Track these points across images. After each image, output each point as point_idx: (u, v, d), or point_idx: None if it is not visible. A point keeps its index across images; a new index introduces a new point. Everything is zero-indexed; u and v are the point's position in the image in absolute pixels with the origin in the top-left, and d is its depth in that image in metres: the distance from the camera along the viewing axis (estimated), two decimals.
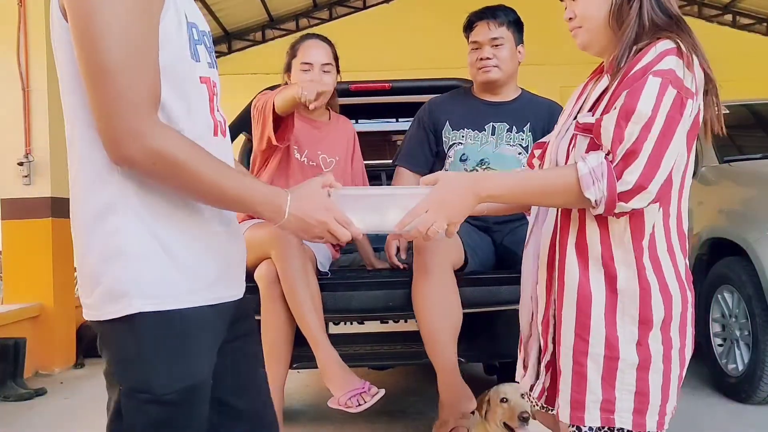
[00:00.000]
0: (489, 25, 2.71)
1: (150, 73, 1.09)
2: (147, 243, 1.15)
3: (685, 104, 1.24)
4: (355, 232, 1.29)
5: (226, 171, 1.16)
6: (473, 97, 2.83)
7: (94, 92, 1.07)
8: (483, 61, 2.71)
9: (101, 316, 1.18)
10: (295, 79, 2.74)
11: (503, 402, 2.39)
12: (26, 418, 3.74)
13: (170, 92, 1.14)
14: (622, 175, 1.22)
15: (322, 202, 1.27)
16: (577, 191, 1.25)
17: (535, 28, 9.32)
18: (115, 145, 1.08)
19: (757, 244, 3.30)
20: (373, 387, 2.42)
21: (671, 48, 1.25)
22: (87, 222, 1.18)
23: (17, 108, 4.75)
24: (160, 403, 1.17)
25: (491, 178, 1.33)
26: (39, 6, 4.77)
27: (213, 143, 1.22)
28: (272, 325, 2.51)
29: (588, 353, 1.31)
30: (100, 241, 1.16)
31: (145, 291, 1.14)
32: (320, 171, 2.79)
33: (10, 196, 4.85)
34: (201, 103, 1.22)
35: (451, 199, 1.31)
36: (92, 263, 1.17)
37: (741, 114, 4.43)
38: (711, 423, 3.16)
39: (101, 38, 1.04)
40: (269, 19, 10.76)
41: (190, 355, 1.19)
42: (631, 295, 1.29)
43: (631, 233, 1.30)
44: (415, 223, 1.31)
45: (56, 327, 4.86)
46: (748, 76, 9.80)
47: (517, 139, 2.73)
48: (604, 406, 1.31)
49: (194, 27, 1.20)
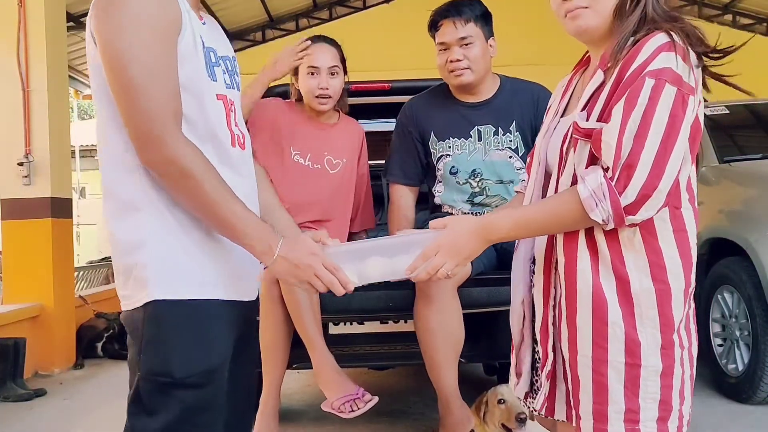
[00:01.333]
0: (455, 24, 2.54)
1: (169, 89, 1.24)
2: (167, 237, 1.28)
3: (687, 101, 1.21)
4: (343, 279, 1.33)
5: (231, 198, 1.26)
6: (452, 99, 2.69)
7: (122, 106, 1.24)
8: (453, 63, 2.55)
9: (134, 304, 1.29)
10: (302, 83, 2.73)
11: (501, 403, 2.39)
12: (26, 418, 3.73)
13: (192, 104, 1.29)
14: (624, 189, 1.20)
15: (311, 249, 1.33)
16: (583, 215, 1.24)
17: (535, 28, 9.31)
18: (140, 150, 1.24)
19: (757, 244, 3.30)
20: (367, 394, 2.42)
21: (665, 43, 1.22)
22: (116, 218, 1.30)
23: (17, 108, 4.74)
24: (181, 386, 1.26)
25: (498, 222, 1.34)
26: (39, 6, 4.75)
27: (232, 153, 1.37)
28: (271, 326, 2.51)
29: (608, 361, 1.26)
30: (128, 235, 1.29)
31: (162, 281, 1.26)
32: (324, 174, 2.78)
33: (10, 196, 4.84)
34: (219, 117, 1.35)
35: (462, 243, 1.34)
36: (123, 256, 1.30)
37: (741, 114, 4.43)
38: (711, 423, 3.16)
39: (125, 60, 1.21)
40: (269, 20, 10.75)
41: (206, 341, 1.30)
42: (648, 297, 1.26)
43: (641, 236, 1.27)
44: (424, 266, 1.34)
45: (56, 327, 4.85)
46: (748, 76, 9.80)
47: (505, 142, 2.63)
48: (629, 417, 1.26)
49: (212, 51, 1.36)
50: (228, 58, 1.42)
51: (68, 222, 5.16)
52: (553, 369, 1.39)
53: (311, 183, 2.75)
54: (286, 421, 3.35)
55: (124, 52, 1.21)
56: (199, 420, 1.29)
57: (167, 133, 1.22)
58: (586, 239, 1.30)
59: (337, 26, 10.98)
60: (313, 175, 2.76)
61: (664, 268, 1.27)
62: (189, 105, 1.28)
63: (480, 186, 2.64)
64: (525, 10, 9.11)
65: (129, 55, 1.21)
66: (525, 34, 9.44)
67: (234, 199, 1.27)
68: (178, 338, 1.27)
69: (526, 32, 9.41)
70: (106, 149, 1.31)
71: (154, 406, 1.26)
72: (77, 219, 12.36)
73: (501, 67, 2.77)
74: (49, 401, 4.08)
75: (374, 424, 3.26)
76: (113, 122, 1.28)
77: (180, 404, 1.26)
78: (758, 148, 4.13)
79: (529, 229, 1.35)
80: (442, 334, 2.38)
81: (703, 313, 3.76)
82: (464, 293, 2.48)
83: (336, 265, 1.33)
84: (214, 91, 1.34)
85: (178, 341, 1.27)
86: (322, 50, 2.75)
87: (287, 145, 2.75)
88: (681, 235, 1.29)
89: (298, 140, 2.76)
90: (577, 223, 1.28)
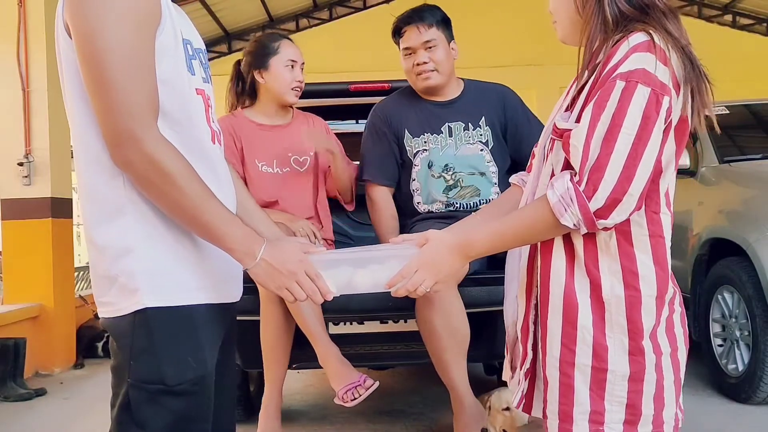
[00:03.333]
0: (419, 29, 2.65)
1: (146, 85, 1.18)
2: (155, 243, 1.23)
3: (661, 102, 1.17)
4: (323, 288, 1.30)
5: (210, 199, 1.21)
6: (421, 99, 2.77)
7: (97, 101, 1.17)
8: (420, 66, 2.65)
9: (118, 312, 1.23)
10: (278, 76, 2.76)
11: (506, 411, 2.39)
12: (26, 418, 3.74)
13: (173, 101, 1.23)
14: (594, 193, 1.18)
15: (296, 254, 1.29)
16: (555, 221, 1.23)
17: (535, 28, 9.34)
18: (115, 148, 1.17)
19: (757, 244, 3.30)
20: (369, 379, 2.44)
21: (642, 42, 1.19)
22: (98, 223, 1.24)
23: (17, 108, 4.75)
24: (172, 394, 1.22)
25: (476, 239, 1.33)
26: (39, 6, 4.77)
27: (212, 150, 1.32)
28: (271, 325, 2.51)
29: (575, 364, 1.27)
30: (112, 241, 1.22)
31: (154, 287, 1.21)
32: (296, 174, 2.81)
33: (10, 196, 4.85)
34: (199, 112, 1.29)
35: (441, 260, 1.33)
36: (106, 263, 1.23)
37: (741, 114, 4.43)
38: (711, 423, 3.16)
39: (102, 53, 1.15)
40: (269, 20, 10.76)
41: (197, 347, 1.26)
42: (618, 304, 1.25)
43: (617, 241, 1.26)
44: (404, 282, 1.34)
45: (56, 327, 4.86)
46: (748, 76, 9.81)
47: (475, 136, 2.71)
48: (593, 418, 1.26)
49: (189, 44, 1.29)
50: (201, 50, 1.36)
51: (68, 222, 5.16)
52: (532, 367, 1.39)
53: (288, 187, 2.79)
54: (287, 421, 3.35)
55: (101, 44, 1.14)
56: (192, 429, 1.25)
57: (145, 130, 1.16)
58: (564, 241, 1.29)
59: (337, 26, 10.99)
60: (286, 179, 2.79)
61: (636, 275, 1.25)
62: (170, 101, 1.22)
63: (453, 179, 2.70)
64: (525, 11, 9.11)
65: (106, 47, 1.14)
66: (525, 34, 9.45)
67: (214, 199, 1.21)
68: (171, 345, 1.22)
69: (526, 33, 9.41)
70: (84, 152, 1.24)
71: (144, 415, 1.21)
72: (77, 219, 12.37)
73: (501, 67, 2.80)
74: (50, 401, 4.09)
75: (374, 423, 3.26)
76: (91, 122, 1.20)
77: (171, 414, 1.22)
78: (758, 149, 4.14)
79: (506, 242, 1.34)
80: (447, 334, 2.38)
81: (703, 313, 3.76)
82: (464, 293, 2.48)
83: (318, 273, 1.30)
84: (194, 85, 1.29)
85: (170, 348, 1.22)
86: (294, 47, 2.84)
87: (251, 159, 2.77)
88: (657, 240, 1.27)
89: (259, 151, 2.78)
90: (551, 230, 1.26)
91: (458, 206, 2.69)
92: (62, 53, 1.23)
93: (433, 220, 2.66)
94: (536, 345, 1.37)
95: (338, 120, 4.04)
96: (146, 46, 1.18)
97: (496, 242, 1.33)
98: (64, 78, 1.25)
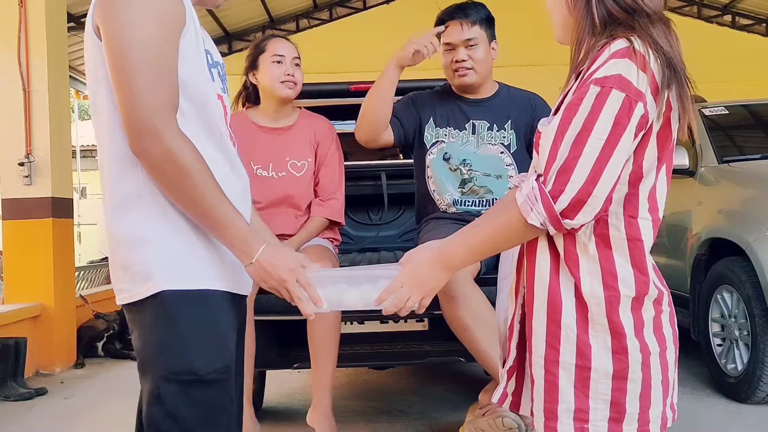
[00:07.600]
0: (462, 25, 2.64)
1: (168, 81, 1.26)
2: (170, 231, 1.29)
3: (633, 108, 1.18)
4: (314, 296, 1.35)
5: (220, 195, 1.28)
6: (453, 94, 2.81)
7: (122, 95, 1.25)
8: (458, 63, 2.66)
9: (132, 298, 1.29)
10: (267, 72, 2.76)
11: None
12: (26, 417, 3.74)
13: (195, 102, 1.32)
14: (560, 194, 1.19)
15: (291, 264, 1.35)
16: (525, 222, 1.24)
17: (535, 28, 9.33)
18: (136, 138, 1.25)
19: (757, 244, 3.31)
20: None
21: (621, 49, 1.20)
22: (118, 214, 1.31)
23: (17, 108, 4.74)
24: (203, 383, 1.27)
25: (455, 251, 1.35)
26: (39, 6, 4.75)
27: (231, 151, 1.41)
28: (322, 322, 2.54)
29: (559, 362, 1.28)
30: (128, 229, 1.30)
31: (169, 272, 1.28)
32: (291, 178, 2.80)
33: (10, 196, 4.85)
34: (220, 113, 1.39)
35: (423, 274, 1.36)
36: (123, 251, 1.31)
37: (741, 114, 4.44)
38: (711, 423, 3.17)
39: (129, 50, 1.24)
40: (269, 20, 10.77)
41: (221, 335, 1.32)
42: (598, 304, 1.26)
43: (596, 243, 1.27)
44: (391, 299, 1.37)
45: (57, 327, 4.86)
46: (748, 76, 9.82)
47: (498, 138, 2.71)
48: (578, 416, 1.27)
49: (209, 53, 1.40)
50: (220, 63, 1.45)
51: (69, 222, 5.17)
52: (520, 366, 1.40)
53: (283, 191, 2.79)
54: (287, 420, 3.36)
55: (128, 42, 1.24)
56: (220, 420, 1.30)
57: (165, 124, 1.24)
58: (548, 243, 1.30)
59: (337, 27, 11.00)
60: (278, 185, 2.79)
61: (615, 276, 1.26)
62: (193, 99, 1.31)
63: (469, 175, 2.72)
64: (525, 11, 9.11)
65: (132, 44, 1.24)
66: (525, 34, 9.44)
67: (222, 196, 1.28)
68: (195, 333, 1.28)
69: (526, 33, 9.41)
70: (109, 145, 1.31)
71: (176, 406, 1.26)
72: (78, 219, 12.38)
73: (502, 67, 2.80)
74: (50, 400, 4.09)
75: (374, 423, 3.27)
76: (112, 114, 1.29)
77: (200, 404, 1.27)
78: (757, 149, 4.14)
79: (484, 250, 1.35)
80: (477, 325, 2.38)
81: (703, 313, 3.77)
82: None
83: (310, 282, 1.35)
84: (215, 90, 1.38)
85: (195, 337, 1.27)
86: (282, 42, 2.83)
87: (247, 161, 2.75)
88: (635, 244, 1.27)
89: (257, 153, 2.78)
90: (522, 232, 1.27)
91: (470, 203, 2.71)
92: (91, 57, 1.32)
93: (444, 220, 2.68)
94: (522, 344, 1.38)
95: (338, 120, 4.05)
96: (170, 44, 1.27)
97: (474, 252, 1.35)
98: (93, 77, 1.32)
